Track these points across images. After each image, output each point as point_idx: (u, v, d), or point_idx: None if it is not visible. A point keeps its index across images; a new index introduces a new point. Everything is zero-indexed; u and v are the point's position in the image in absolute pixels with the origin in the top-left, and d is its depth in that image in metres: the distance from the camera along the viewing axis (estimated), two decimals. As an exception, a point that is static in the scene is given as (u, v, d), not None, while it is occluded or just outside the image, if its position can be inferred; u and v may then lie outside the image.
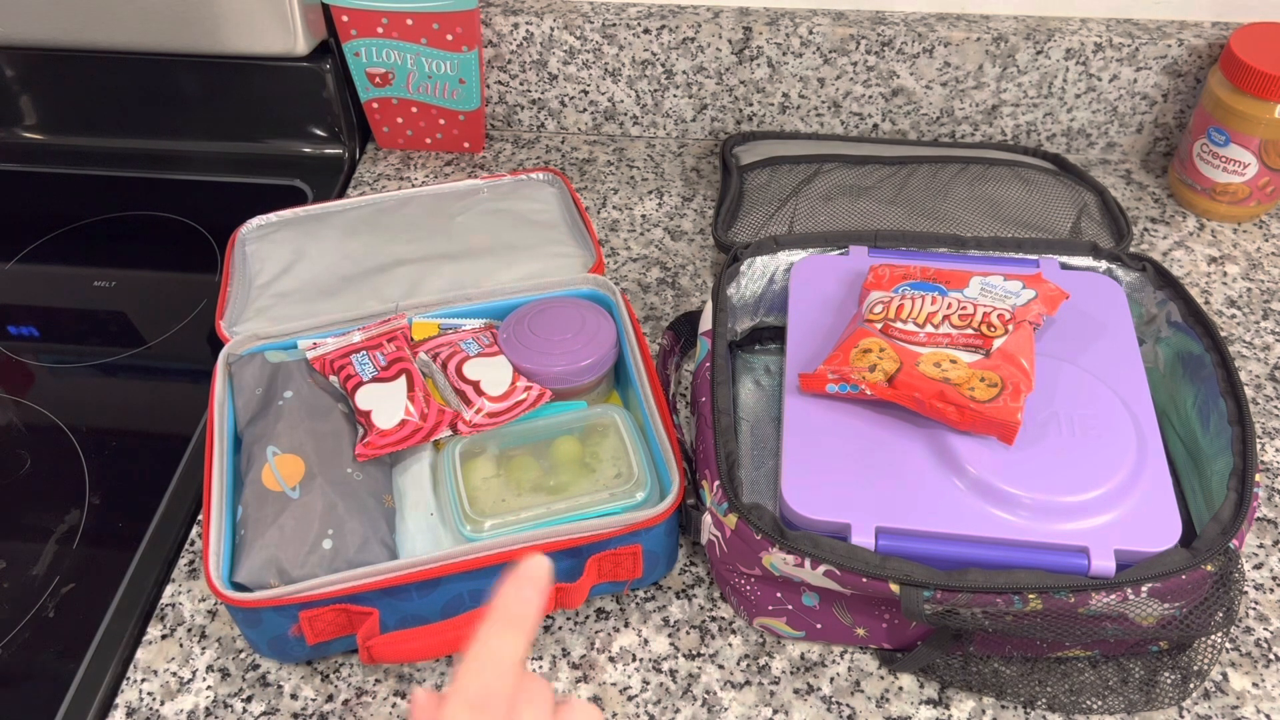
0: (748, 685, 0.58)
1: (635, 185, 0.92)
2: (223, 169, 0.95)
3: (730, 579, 0.59)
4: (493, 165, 0.95)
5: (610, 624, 0.61)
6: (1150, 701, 0.55)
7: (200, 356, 0.78)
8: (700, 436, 0.60)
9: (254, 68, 0.91)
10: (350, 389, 0.63)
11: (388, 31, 0.87)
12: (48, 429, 0.73)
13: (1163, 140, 0.94)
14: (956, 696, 0.58)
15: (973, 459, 0.54)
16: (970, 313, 0.60)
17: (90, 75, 0.93)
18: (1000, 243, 0.69)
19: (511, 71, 0.94)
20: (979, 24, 0.89)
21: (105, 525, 0.67)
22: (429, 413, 0.62)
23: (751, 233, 0.81)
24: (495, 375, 0.64)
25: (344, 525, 0.57)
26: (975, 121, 0.93)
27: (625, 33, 0.90)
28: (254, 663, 0.60)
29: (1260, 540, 0.65)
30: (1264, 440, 0.71)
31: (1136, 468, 0.54)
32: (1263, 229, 0.88)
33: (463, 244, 0.76)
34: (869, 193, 0.83)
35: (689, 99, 0.94)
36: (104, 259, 0.86)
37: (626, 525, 0.56)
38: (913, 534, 0.53)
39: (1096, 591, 0.50)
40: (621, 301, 0.68)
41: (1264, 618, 0.61)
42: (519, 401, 0.64)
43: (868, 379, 0.57)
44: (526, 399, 0.64)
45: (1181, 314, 0.64)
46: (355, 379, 0.63)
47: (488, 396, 0.63)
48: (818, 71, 0.91)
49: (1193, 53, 0.87)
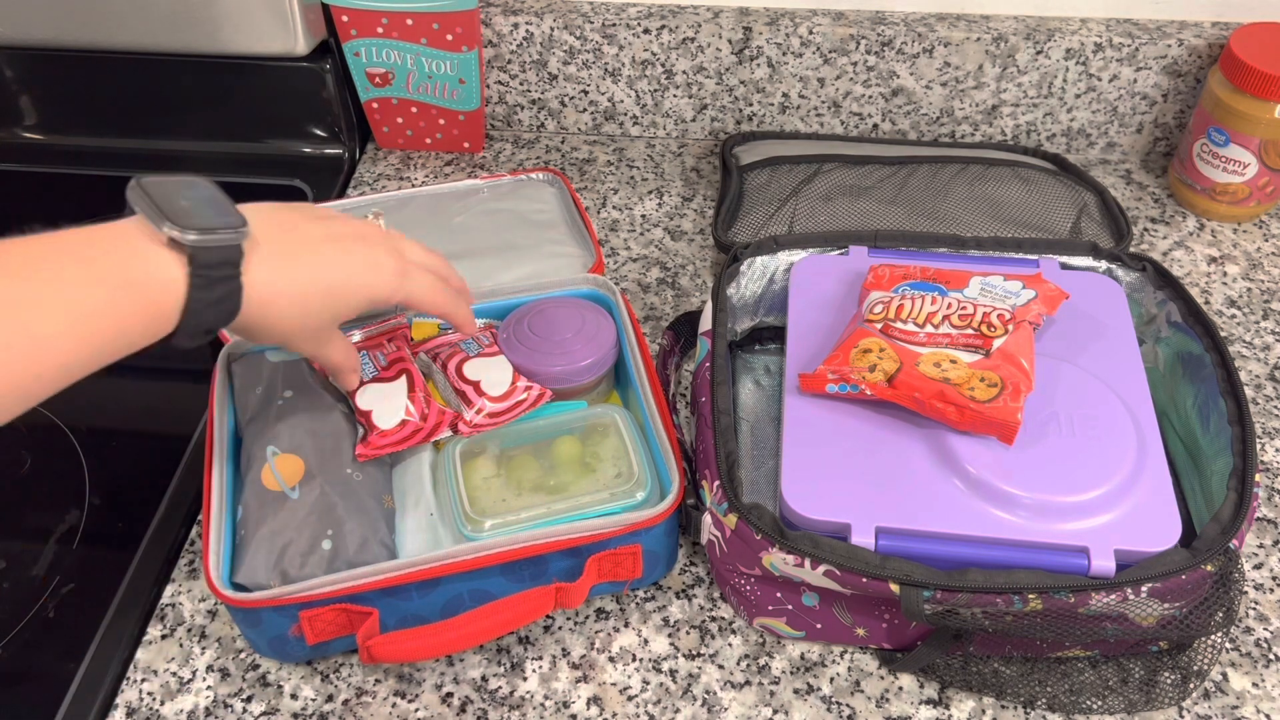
0: (748, 685, 0.58)
1: (635, 185, 0.92)
2: (223, 169, 0.95)
3: (730, 579, 0.59)
4: (493, 165, 0.95)
5: (610, 624, 0.61)
6: (1150, 701, 0.55)
7: (200, 356, 0.77)
8: (700, 436, 0.60)
9: (254, 68, 0.91)
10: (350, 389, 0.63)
11: (388, 31, 0.87)
12: (48, 429, 0.73)
13: (1163, 140, 0.94)
14: (956, 696, 0.58)
15: (973, 459, 0.54)
16: (970, 313, 0.60)
17: (90, 75, 0.93)
18: (1000, 243, 0.69)
19: (511, 71, 0.94)
20: (979, 24, 0.89)
21: (105, 525, 0.67)
22: (429, 413, 0.62)
23: (751, 233, 0.81)
24: (495, 375, 0.64)
25: (343, 525, 0.57)
26: (975, 121, 0.93)
27: (625, 33, 0.90)
28: (254, 663, 0.60)
29: (1260, 540, 0.65)
30: (1264, 440, 0.71)
31: (1136, 468, 0.54)
32: (1263, 229, 0.88)
33: (463, 244, 0.76)
34: (869, 193, 0.83)
35: (689, 99, 0.94)
36: (104, 259, 0.86)
37: (626, 525, 0.56)
38: (913, 534, 0.53)
39: (1096, 591, 0.50)
40: (621, 301, 0.68)
41: (1264, 618, 0.61)
42: (519, 401, 0.64)
43: (868, 379, 0.57)
44: (527, 399, 0.64)
45: (1181, 314, 0.64)
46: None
47: (488, 397, 0.63)
48: (818, 71, 0.91)
49: (1193, 53, 0.87)
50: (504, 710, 0.57)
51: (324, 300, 0.52)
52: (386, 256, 0.54)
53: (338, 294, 0.52)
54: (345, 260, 0.52)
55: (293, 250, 0.50)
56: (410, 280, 0.55)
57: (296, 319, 0.51)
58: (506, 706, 0.58)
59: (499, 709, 0.57)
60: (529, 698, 0.58)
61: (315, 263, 0.51)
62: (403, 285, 0.54)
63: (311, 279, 0.51)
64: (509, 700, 0.58)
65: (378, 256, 0.54)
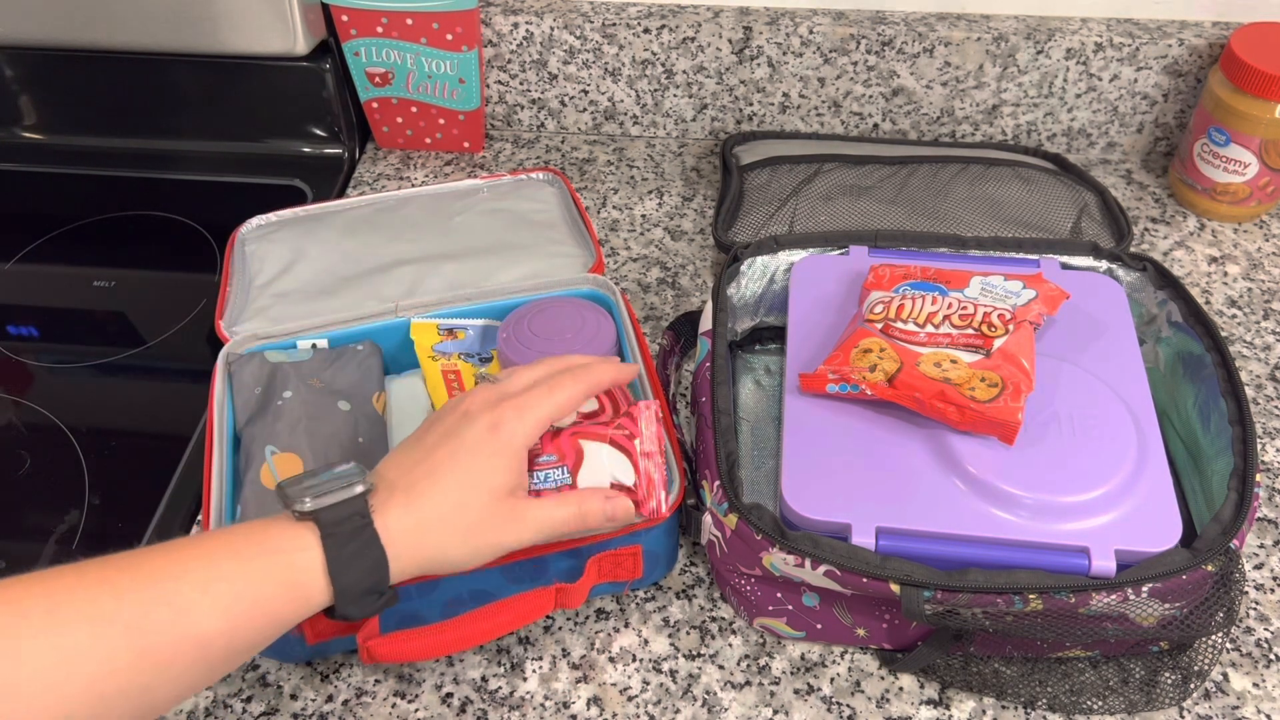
0: (748, 685, 0.58)
1: (635, 185, 0.92)
2: (223, 169, 0.95)
3: (730, 579, 0.59)
4: (493, 165, 0.95)
5: (610, 624, 0.61)
6: (1151, 702, 0.55)
7: (200, 356, 0.78)
8: (700, 436, 0.60)
9: (254, 68, 0.91)
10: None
11: (387, 31, 0.87)
12: (48, 429, 0.73)
13: (1163, 140, 0.94)
14: (957, 697, 0.58)
15: (973, 459, 0.54)
16: (971, 313, 0.60)
17: (90, 75, 0.93)
18: (1001, 243, 0.69)
19: (511, 71, 0.94)
20: (979, 24, 0.89)
21: (105, 525, 0.67)
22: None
23: (751, 233, 0.80)
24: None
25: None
26: (975, 121, 0.93)
27: (625, 32, 0.90)
28: (254, 663, 0.60)
29: (1261, 540, 0.65)
30: (1264, 440, 0.71)
31: (1137, 468, 0.54)
32: (1263, 229, 0.88)
33: (463, 244, 0.76)
34: (869, 192, 0.83)
35: (689, 99, 0.94)
36: (104, 259, 0.86)
37: (627, 525, 0.56)
38: (913, 534, 0.53)
39: (1097, 592, 0.49)
40: (621, 301, 0.68)
41: (1264, 618, 0.61)
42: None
43: (868, 379, 0.57)
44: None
45: (1182, 314, 0.64)
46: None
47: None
48: (818, 71, 0.91)
49: (1193, 52, 0.87)
50: (504, 710, 0.57)
51: (462, 515, 0.49)
52: (488, 433, 0.51)
53: (471, 502, 0.50)
54: (460, 471, 0.50)
55: (415, 482, 0.49)
56: (523, 422, 0.51)
57: (459, 542, 0.49)
58: (506, 707, 0.57)
59: (499, 709, 0.57)
60: (529, 698, 0.58)
61: (434, 488, 0.49)
62: (516, 433, 0.51)
63: (442, 501, 0.49)
64: (509, 700, 0.58)
65: (479, 435, 0.51)
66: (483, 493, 0.50)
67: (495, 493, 0.50)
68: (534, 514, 0.51)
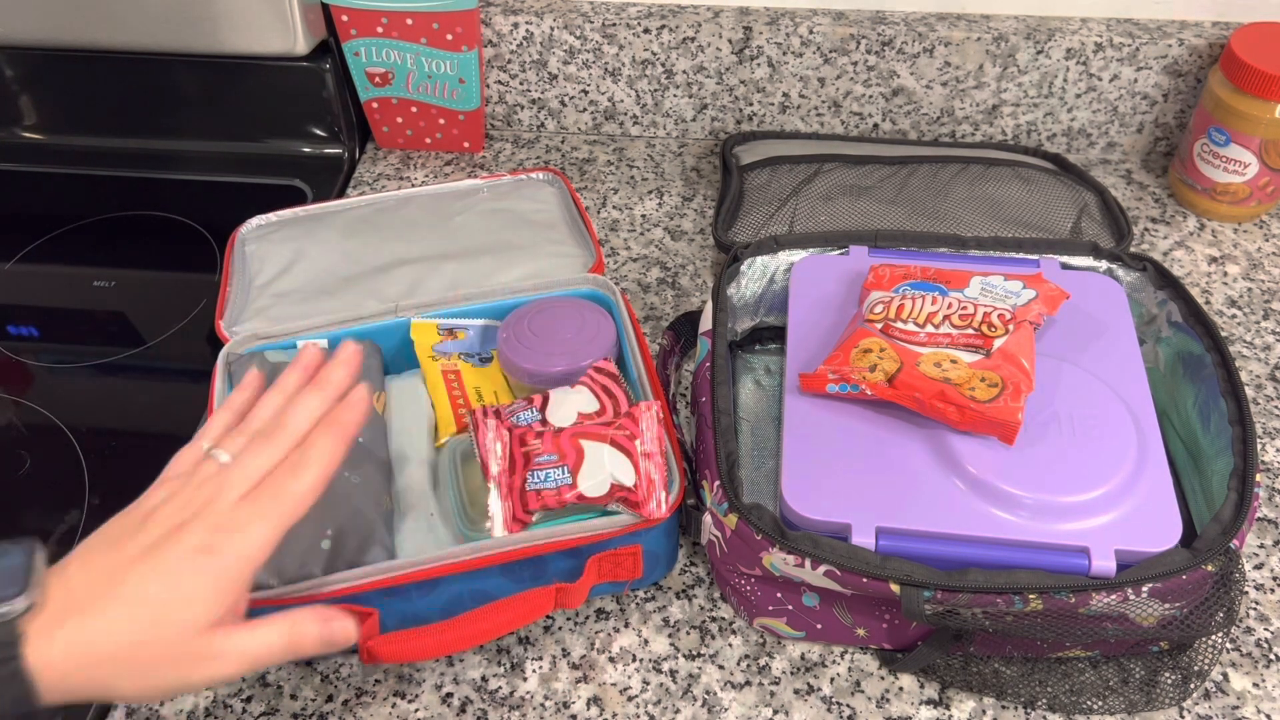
0: (748, 685, 0.58)
1: (635, 185, 0.92)
2: (223, 169, 0.95)
3: (730, 579, 0.59)
4: (493, 165, 0.95)
5: (610, 624, 0.61)
6: (1151, 702, 0.55)
7: (200, 356, 0.78)
8: (700, 436, 0.60)
9: (254, 68, 0.91)
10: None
11: (387, 31, 0.87)
12: (47, 429, 0.73)
13: (1163, 140, 0.94)
14: (957, 697, 0.58)
15: (973, 459, 0.54)
16: (971, 313, 0.60)
17: (90, 75, 0.93)
18: (1001, 242, 0.69)
19: (511, 71, 0.94)
20: (979, 24, 0.89)
21: (105, 525, 0.67)
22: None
23: (751, 233, 0.80)
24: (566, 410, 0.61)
25: (342, 525, 0.57)
26: (975, 121, 0.93)
27: (625, 32, 0.90)
28: (254, 663, 0.60)
29: (1261, 540, 0.65)
30: (1264, 440, 0.71)
31: (1137, 468, 0.54)
32: (1263, 229, 0.88)
33: (463, 244, 0.76)
34: (869, 192, 0.83)
35: (689, 99, 0.94)
36: (104, 259, 0.86)
37: (626, 525, 0.56)
38: (913, 534, 0.53)
39: (1097, 591, 0.49)
40: (621, 301, 0.68)
41: (1264, 618, 0.61)
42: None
43: (868, 379, 0.57)
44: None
45: (1182, 314, 0.64)
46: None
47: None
48: (818, 71, 0.91)
49: (1193, 52, 0.87)
50: (504, 710, 0.57)
51: (142, 652, 0.42)
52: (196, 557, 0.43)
53: (156, 640, 0.42)
54: (150, 601, 0.42)
55: (94, 600, 0.41)
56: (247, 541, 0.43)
57: (133, 682, 0.42)
58: (506, 707, 0.57)
59: (499, 709, 0.57)
60: (529, 698, 0.58)
61: (115, 613, 0.42)
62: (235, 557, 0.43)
63: (120, 633, 0.41)
64: (509, 700, 0.58)
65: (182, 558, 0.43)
66: (173, 628, 0.42)
67: (190, 627, 0.42)
68: (235, 647, 0.44)
